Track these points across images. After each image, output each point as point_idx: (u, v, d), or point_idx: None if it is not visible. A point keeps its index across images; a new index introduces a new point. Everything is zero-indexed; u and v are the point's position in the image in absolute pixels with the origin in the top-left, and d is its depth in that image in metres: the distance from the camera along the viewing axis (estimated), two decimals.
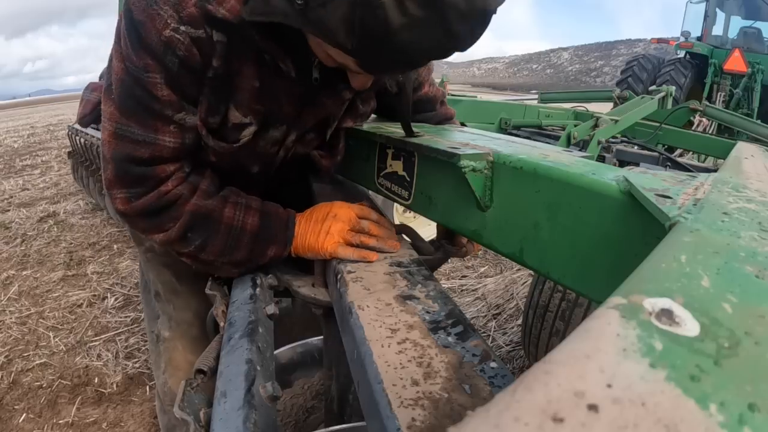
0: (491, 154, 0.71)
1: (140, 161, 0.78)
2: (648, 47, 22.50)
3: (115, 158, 0.78)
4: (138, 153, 0.77)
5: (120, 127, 0.76)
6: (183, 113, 0.78)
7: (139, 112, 0.76)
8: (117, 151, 0.77)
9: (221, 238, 0.84)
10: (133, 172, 0.78)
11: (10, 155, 7.92)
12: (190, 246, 0.84)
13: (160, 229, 0.82)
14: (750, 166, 0.77)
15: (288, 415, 1.04)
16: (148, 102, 0.75)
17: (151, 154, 0.78)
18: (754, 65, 6.88)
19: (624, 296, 0.23)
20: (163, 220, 0.82)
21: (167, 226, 0.82)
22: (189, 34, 0.71)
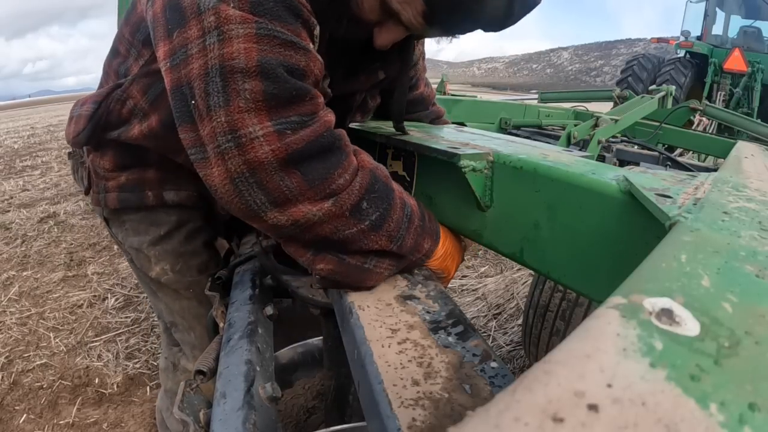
0: (491, 154, 0.71)
1: (298, 72, 0.57)
2: (648, 47, 22.49)
3: (265, 65, 0.54)
4: (294, 60, 0.56)
5: (262, 26, 0.55)
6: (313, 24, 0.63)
7: (283, 12, 0.57)
8: (266, 56, 0.54)
9: (398, 214, 0.64)
10: (290, 87, 0.56)
11: (10, 156, 7.92)
12: (363, 222, 0.60)
13: (324, 188, 0.57)
14: (750, 165, 0.77)
15: (288, 416, 1.04)
16: (292, 6, 0.58)
17: (308, 64, 0.58)
18: (754, 64, 6.88)
19: (624, 296, 0.23)
20: (331, 170, 0.57)
21: (335, 183, 0.58)
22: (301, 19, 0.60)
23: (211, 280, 1.01)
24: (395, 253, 0.65)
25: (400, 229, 0.64)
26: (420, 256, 0.70)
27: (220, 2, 0.55)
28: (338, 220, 0.59)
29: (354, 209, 0.59)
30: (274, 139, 0.54)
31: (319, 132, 0.57)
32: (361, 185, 0.60)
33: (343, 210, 0.58)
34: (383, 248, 0.63)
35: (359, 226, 0.60)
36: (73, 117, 0.94)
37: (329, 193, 0.57)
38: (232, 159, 0.54)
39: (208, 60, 0.55)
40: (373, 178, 0.63)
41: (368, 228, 0.61)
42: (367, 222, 0.61)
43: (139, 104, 0.87)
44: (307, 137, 0.56)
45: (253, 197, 0.56)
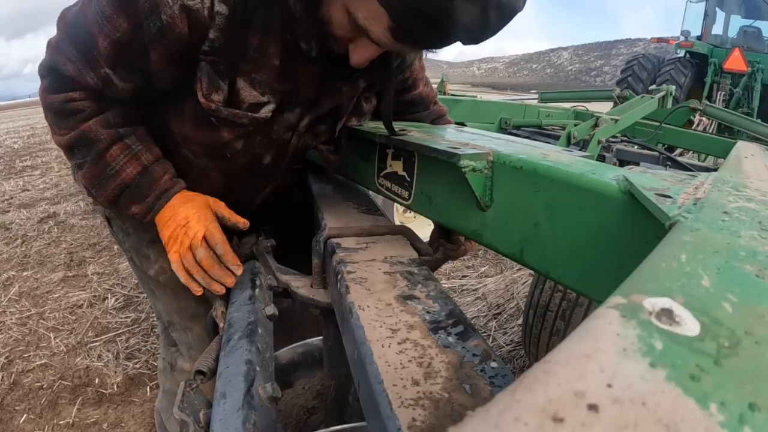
0: (491, 154, 0.71)
1: (61, 73, 0.81)
2: (648, 46, 22.49)
3: (51, 58, 0.81)
4: (65, 68, 0.80)
5: (63, 42, 0.80)
6: (111, 71, 0.80)
7: (79, 44, 0.79)
8: (54, 56, 0.81)
9: (95, 170, 0.86)
10: (53, 75, 0.82)
11: (10, 156, 7.92)
12: (73, 160, 0.88)
13: (56, 129, 0.86)
14: (750, 165, 0.77)
15: (288, 416, 1.04)
16: (89, 43, 0.77)
17: (72, 75, 0.80)
18: (754, 64, 6.88)
19: (624, 296, 0.23)
20: (60, 123, 0.85)
21: (61, 131, 0.85)
22: (181, 2, 0.71)
23: None
24: (97, 194, 0.90)
25: (95, 181, 0.87)
26: (130, 214, 0.90)
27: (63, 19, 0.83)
28: (61, 150, 0.88)
29: (67, 149, 0.87)
30: (44, 91, 0.84)
31: (60, 101, 0.82)
32: (71, 137, 0.85)
33: (62, 145, 0.87)
34: (86, 186, 0.91)
35: (71, 161, 0.90)
36: None
37: (59, 133, 0.86)
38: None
39: None
40: (82, 136, 0.84)
41: (75, 166, 0.90)
42: (75, 161, 0.88)
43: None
44: (54, 99, 0.83)
45: (45, 117, 0.88)
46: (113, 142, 0.86)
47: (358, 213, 1.02)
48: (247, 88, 0.80)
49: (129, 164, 0.86)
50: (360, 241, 0.88)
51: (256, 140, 0.89)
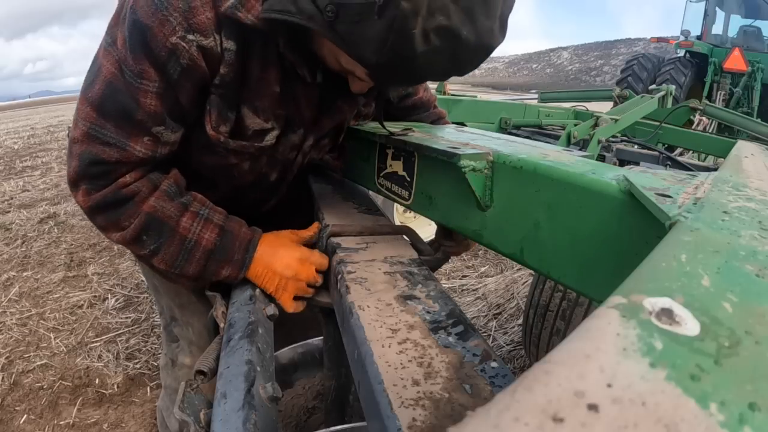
0: (491, 153, 0.71)
1: (106, 163, 0.78)
2: (648, 46, 22.48)
3: (83, 157, 0.77)
4: (105, 155, 0.77)
5: (93, 128, 0.76)
6: (162, 127, 0.78)
7: (118, 117, 0.75)
8: (86, 151, 0.77)
9: (175, 247, 0.82)
10: (94, 171, 0.78)
11: (10, 156, 7.93)
12: (145, 249, 0.82)
13: (117, 226, 0.81)
14: (750, 164, 0.77)
15: (289, 416, 1.04)
16: (131, 109, 0.75)
17: (119, 158, 0.77)
18: (754, 64, 6.87)
19: (624, 296, 0.23)
20: (120, 216, 0.80)
21: (123, 224, 0.80)
22: (197, 42, 0.71)
23: None
24: (180, 274, 0.85)
25: (177, 259, 0.83)
26: (221, 279, 0.86)
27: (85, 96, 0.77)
28: (130, 245, 0.82)
29: (135, 240, 0.81)
30: (86, 195, 0.80)
31: (111, 192, 0.79)
32: (137, 225, 0.80)
33: (128, 239, 0.81)
34: (166, 270, 0.84)
35: (143, 251, 0.83)
36: None
37: (121, 227, 0.81)
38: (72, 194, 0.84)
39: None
40: (150, 218, 0.80)
41: (149, 253, 0.83)
42: (147, 250, 0.82)
43: None
44: (104, 195, 0.79)
45: (93, 223, 0.84)
46: (181, 213, 0.82)
47: (359, 213, 1.02)
48: (250, 116, 0.82)
49: (205, 230, 0.83)
50: (360, 241, 0.88)
51: (262, 161, 0.92)
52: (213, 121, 0.80)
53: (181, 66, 0.72)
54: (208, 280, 0.86)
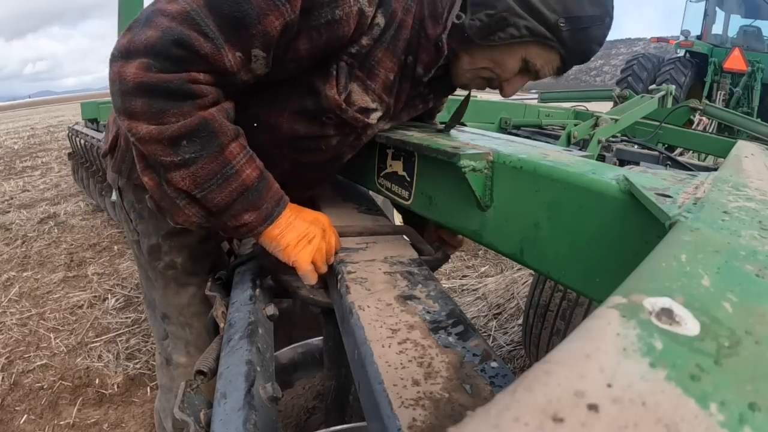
0: (491, 153, 0.71)
1: (193, 51, 0.69)
2: (648, 46, 22.47)
3: (169, 32, 0.68)
4: (197, 44, 0.68)
5: (196, 13, 0.69)
6: (263, 54, 0.73)
7: (229, 19, 0.69)
8: (176, 29, 0.68)
9: (213, 167, 0.73)
10: (175, 52, 0.68)
11: (10, 157, 7.93)
12: (176, 156, 0.71)
13: (157, 118, 0.70)
14: (750, 164, 0.77)
15: (289, 416, 1.04)
16: (249, 20, 0.69)
17: (207, 54, 0.69)
18: (754, 64, 6.88)
19: (624, 295, 0.23)
20: (170, 109, 0.70)
21: (169, 119, 0.70)
22: (360, 5, 0.74)
23: (211, 280, 1.01)
24: (201, 202, 0.75)
25: (209, 181, 0.73)
26: (238, 224, 0.77)
27: None
28: (158, 144, 0.71)
29: (172, 141, 0.70)
30: (142, 69, 0.68)
31: (178, 80, 0.69)
32: (185, 125, 0.70)
33: (165, 136, 0.70)
34: (187, 189, 0.73)
35: (172, 157, 0.71)
36: None
37: (163, 122, 0.70)
38: (113, 65, 0.71)
39: None
40: (203, 125, 0.71)
41: (178, 163, 0.71)
42: (179, 157, 0.71)
43: None
44: (168, 78, 0.69)
45: (114, 100, 0.72)
46: (235, 137, 0.75)
47: (359, 213, 1.02)
48: (359, 93, 0.84)
49: (248, 166, 0.77)
50: (360, 241, 0.88)
51: (348, 140, 0.93)
52: (339, 86, 0.81)
53: (333, 15, 0.72)
54: (224, 221, 0.78)
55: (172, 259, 1.02)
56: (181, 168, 0.72)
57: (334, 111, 0.83)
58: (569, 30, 0.81)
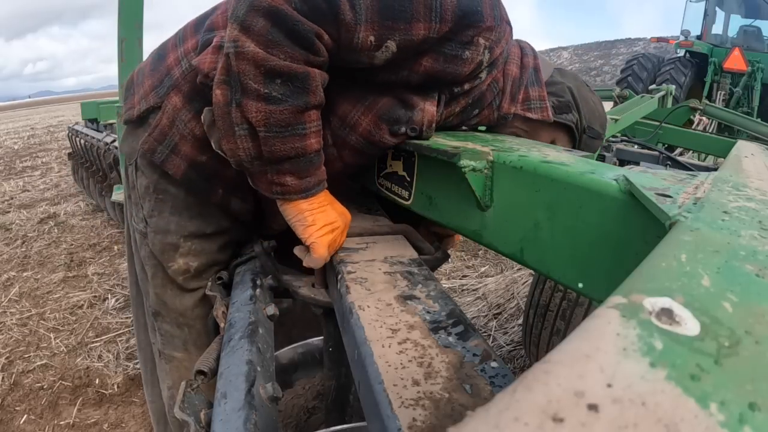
0: (491, 153, 0.71)
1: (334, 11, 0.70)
2: (648, 46, 22.47)
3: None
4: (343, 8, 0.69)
5: None
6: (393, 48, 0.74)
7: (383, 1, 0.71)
8: None
9: (290, 117, 0.73)
10: (319, 3, 0.69)
11: (10, 157, 7.93)
12: (264, 87, 0.70)
13: (270, 47, 0.69)
14: (750, 164, 0.77)
15: (289, 416, 1.04)
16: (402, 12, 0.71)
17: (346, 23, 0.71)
18: (754, 64, 6.88)
19: (624, 295, 0.23)
20: (285, 46, 0.70)
21: (278, 53, 0.69)
22: (483, 57, 0.80)
23: (211, 280, 1.01)
24: (259, 141, 0.73)
25: (279, 127, 0.72)
26: (277, 181, 0.77)
27: None
28: (255, 68, 0.70)
29: (269, 73, 0.70)
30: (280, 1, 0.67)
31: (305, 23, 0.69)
32: (289, 66, 0.70)
33: (260, 62, 0.69)
34: (255, 123, 0.72)
35: (260, 87, 0.70)
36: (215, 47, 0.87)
37: (270, 51, 0.69)
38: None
39: None
40: (304, 77, 0.71)
41: (264, 95, 0.71)
42: (266, 90, 0.71)
43: None
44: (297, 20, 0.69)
45: (238, 8, 0.70)
46: (319, 105, 0.76)
47: (359, 213, 1.02)
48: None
49: (315, 135, 0.77)
50: (360, 241, 0.88)
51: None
52: (440, 106, 0.87)
53: (461, 54, 0.78)
54: (263, 170, 0.77)
55: (187, 262, 0.98)
56: (261, 101, 0.71)
57: (422, 125, 0.84)
58: (587, 135, 1.06)
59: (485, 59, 0.80)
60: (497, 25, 0.78)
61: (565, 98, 1.03)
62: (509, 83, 0.94)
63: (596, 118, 1.07)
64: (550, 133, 1.05)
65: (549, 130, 1.04)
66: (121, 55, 2.72)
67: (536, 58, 1.01)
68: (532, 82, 1.00)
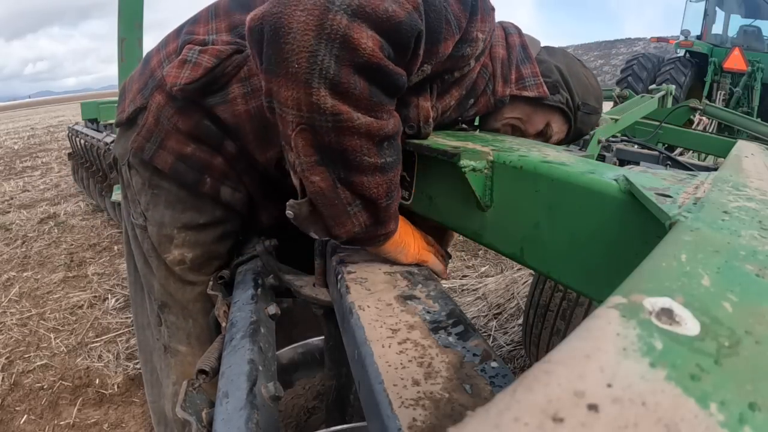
0: (491, 153, 0.71)
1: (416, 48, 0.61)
2: (648, 46, 22.46)
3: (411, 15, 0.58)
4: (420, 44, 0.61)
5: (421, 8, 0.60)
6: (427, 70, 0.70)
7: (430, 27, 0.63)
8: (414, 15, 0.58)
9: (398, 173, 0.67)
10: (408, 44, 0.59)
11: (10, 157, 7.93)
12: (379, 158, 0.61)
13: (374, 110, 0.59)
14: (750, 164, 0.77)
15: (289, 416, 1.04)
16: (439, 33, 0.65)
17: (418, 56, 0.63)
18: (754, 63, 6.88)
19: (624, 295, 0.23)
20: (386, 104, 0.60)
21: (382, 114, 0.60)
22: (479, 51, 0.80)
23: (213, 279, 1.01)
24: (377, 210, 0.66)
25: (395, 190, 0.66)
26: (384, 232, 0.70)
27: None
28: (369, 140, 0.59)
29: (382, 140, 0.60)
30: (377, 46, 0.55)
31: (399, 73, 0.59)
32: (395, 125, 0.62)
33: (375, 133, 0.59)
34: (375, 197, 0.64)
35: (377, 159, 0.60)
36: (189, 61, 0.85)
37: (377, 115, 0.59)
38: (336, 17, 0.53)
39: None
40: (400, 129, 0.64)
41: (381, 166, 0.62)
42: (382, 160, 0.61)
43: (252, 79, 0.85)
44: (395, 72, 0.58)
45: (323, 63, 0.54)
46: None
47: None
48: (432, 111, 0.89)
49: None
50: None
51: None
52: (432, 100, 0.83)
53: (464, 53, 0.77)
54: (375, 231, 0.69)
55: (182, 253, 0.99)
56: (377, 173, 0.62)
57: (419, 121, 0.80)
58: (582, 112, 1.05)
59: (478, 50, 0.79)
60: (487, 15, 0.77)
61: (552, 78, 1.01)
62: (498, 66, 0.93)
63: (590, 93, 1.06)
64: (545, 115, 1.04)
65: (542, 112, 1.03)
66: (121, 55, 2.72)
67: (521, 35, 0.99)
68: (522, 60, 0.98)
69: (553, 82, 1.01)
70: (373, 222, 0.67)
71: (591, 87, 1.08)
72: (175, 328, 1.07)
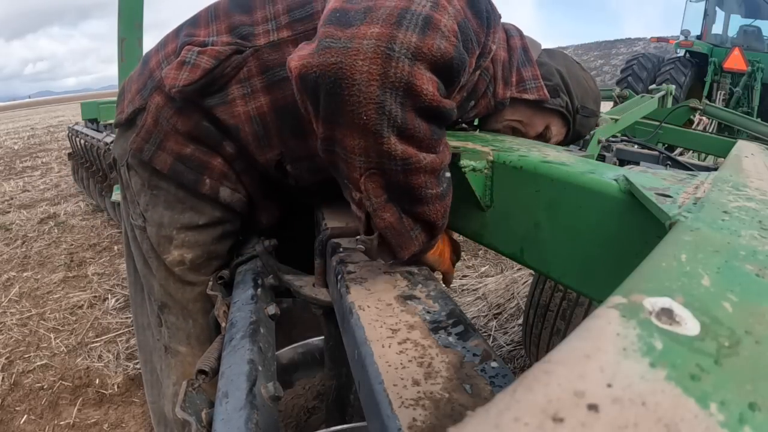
0: (491, 153, 0.71)
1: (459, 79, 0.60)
2: (648, 46, 22.47)
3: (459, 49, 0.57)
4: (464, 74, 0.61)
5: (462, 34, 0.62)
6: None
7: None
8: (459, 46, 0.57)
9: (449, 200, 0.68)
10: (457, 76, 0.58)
11: (10, 157, 7.93)
12: (439, 187, 0.63)
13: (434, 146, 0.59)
14: (750, 164, 0.77)
15: (289, 416, 1.04)
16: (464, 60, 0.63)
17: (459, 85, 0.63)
18: (754, 63, 6.88)
19: (624, 295, 0.23)
20: (443, 137, 0.62)
21: (439, 148, 0.61)
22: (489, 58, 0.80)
23: (212, 279, 1.00)
24: (434, 230, 0.67)
25: (448, 210, 0.67)
26: (433, 244, 0.71)
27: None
28: (432, 175, 0.61)
29: (441, 171, 0.62)
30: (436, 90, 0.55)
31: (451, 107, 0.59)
32: (448, 156, 0.64)
33: (437, 167, 0.60)
34: (434, 221, 0.65)
35: (437, 188, 0.62)
36: (188, 63, 0.85)
37: (437, 150, 0.60)
38: (399, 64, 0.52)
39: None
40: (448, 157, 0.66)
41: (440, 194, 0.63)
42: (441, 188, 0.63)
43: (252, 80, 0.85)
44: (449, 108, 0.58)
45: (390, 113, 0.54)
46: None
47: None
48: None
49: None
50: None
51: None
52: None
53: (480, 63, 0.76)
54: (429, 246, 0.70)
55: (181, 254, 0.99)
56: (437, 201, 0.64)
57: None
58: (581, 115, 1.08)
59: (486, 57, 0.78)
60: (498, 25, 0.75)
61: (553, 81, 1.02)
62: (499, 68, 0.93)
63: (589, 96, 1.08)
64: (545, 118, 1.05)
65: (542, 115, 1.04)
66: (121, 55, 2.72)
67: (522, 37, 0.99)
68: (522, 62, 0.98)
69: (554, 85, 1.02)
70: (428, 239, 0.69)
71: (590, 90, 1.09)
72: (175, 328, 1.06)
